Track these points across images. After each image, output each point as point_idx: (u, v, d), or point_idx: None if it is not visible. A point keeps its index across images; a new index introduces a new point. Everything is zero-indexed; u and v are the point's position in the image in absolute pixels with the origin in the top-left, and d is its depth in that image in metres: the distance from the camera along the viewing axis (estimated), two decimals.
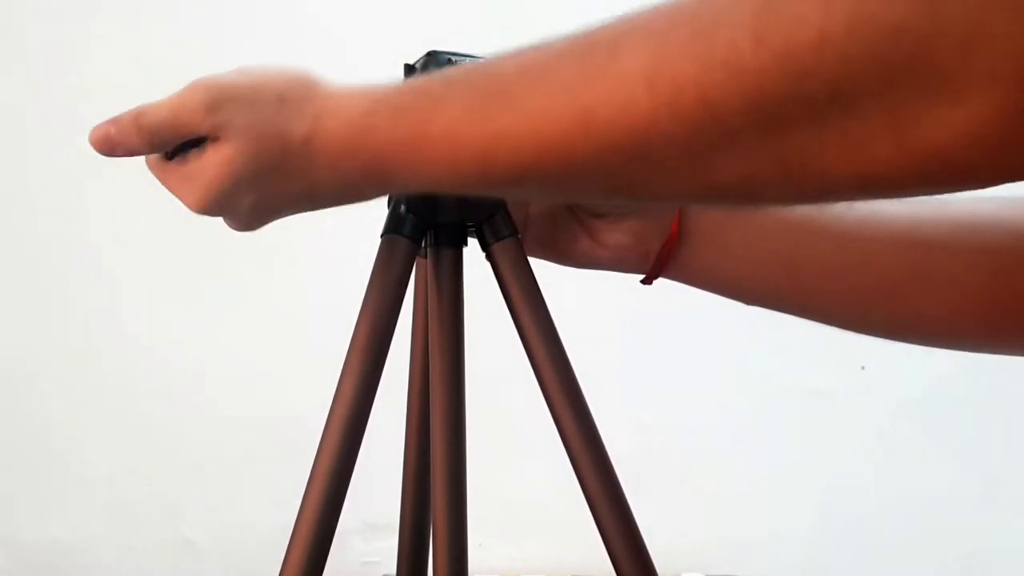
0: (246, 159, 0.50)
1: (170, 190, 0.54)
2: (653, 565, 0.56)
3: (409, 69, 0.57)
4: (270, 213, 0.53)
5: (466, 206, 0.59)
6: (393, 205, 0.58)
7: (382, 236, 0.57)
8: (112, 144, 0.52)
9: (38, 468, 1.63)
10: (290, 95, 0.49)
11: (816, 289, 0.63)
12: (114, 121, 0.52)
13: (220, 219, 0.56)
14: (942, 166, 0.34)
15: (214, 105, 0.50)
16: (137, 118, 0.52)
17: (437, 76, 0.47)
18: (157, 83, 0.58)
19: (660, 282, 0.66)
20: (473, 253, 0.61)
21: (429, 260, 0.59)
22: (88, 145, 0.53)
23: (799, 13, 0.32)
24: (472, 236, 0.60)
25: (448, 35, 0.77)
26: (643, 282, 0.65)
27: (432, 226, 0.59)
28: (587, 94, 0.39)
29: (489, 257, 0.60)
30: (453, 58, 0.55)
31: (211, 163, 0.51)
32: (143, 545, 1.63)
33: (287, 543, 0.53)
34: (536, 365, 0.57)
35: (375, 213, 0.60)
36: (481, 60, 0.47)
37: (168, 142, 0.52)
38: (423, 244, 0.59)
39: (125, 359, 1.62)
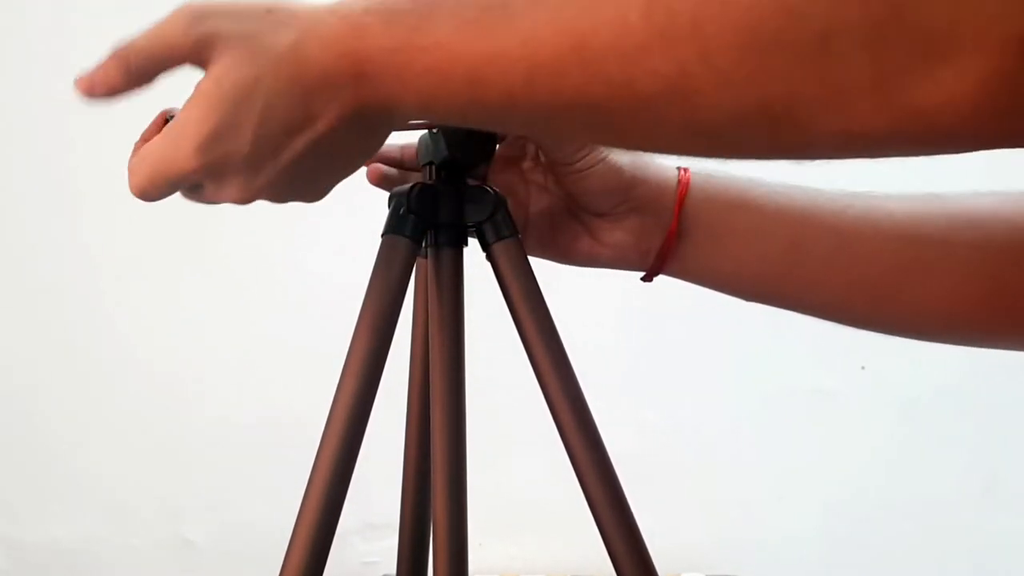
0: (237, 69, 0.45)
1: (155, 166, 0.47)
2: (654, 565, 0.56)
3: None
4: (271, 150, 0.46)
5: (467, 206, 0.59)
6: (394, 205, 0.58)
7: (382, 236, 0.57)
8: (92, 81, 0.48)
9: (38, 468, 1.63)
10: (278, 7, 0.46)
11: (815, 285, 0.63)
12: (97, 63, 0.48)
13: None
14: (925, 128, 0.34)
15: (198, 17, 0.46)
16: (116, 48, 0.47)
17: None
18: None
19: (660, 282, 0.66)
20: (473, 253, 0.61)
21: (429, 260, 0.59)
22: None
23: None
24: (472, 236, 0.60)
25: None
26: (643, 279, 0.65)
27: (432, 226, 0.59)
28: (585, 18, 0.38)
29: (489, 257, 0.60)
30: None
31: (200, 90, 0.46)
32: (143, 545, 1.63)
33: (287, 543, 0.53)
34: (536, 365, 0.57)
35: (375, 211, 0.60)
36: None
37: (149, 67, 0.47)
38: (423, 244, 0.59)
39: (125, 360, 1.62)
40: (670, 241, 0.62)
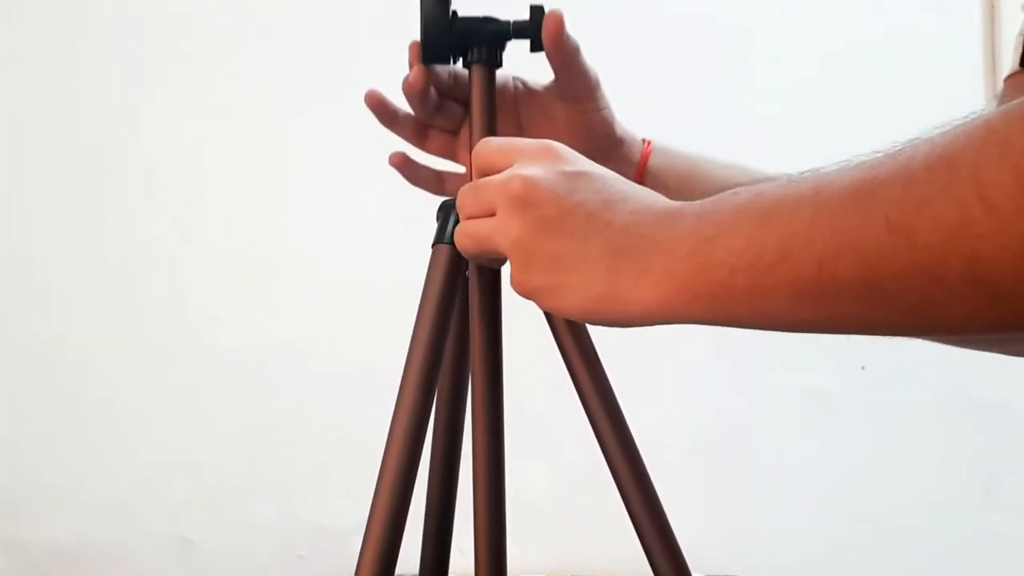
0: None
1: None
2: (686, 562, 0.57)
3: None
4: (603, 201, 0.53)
5: None
6: (443, 217, 0.58)
7: (432, 246, 0.57)
8: None
9: (39, 468, 1.63)
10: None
11: None
12: None
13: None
14: None
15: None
16: None
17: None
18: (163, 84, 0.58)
19: None
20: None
21: (471, 266, 0.60)
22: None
23: None
24: None
25: None
26: None
27: None
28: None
29: None
30: None
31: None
32: (143, 545, 1.62)
33: (361, 546, 0.53)
34: (572, 368, 0.58)
35: (373, 212, 0.60)
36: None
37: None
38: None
39: (124, 360, 1.62)
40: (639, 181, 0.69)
